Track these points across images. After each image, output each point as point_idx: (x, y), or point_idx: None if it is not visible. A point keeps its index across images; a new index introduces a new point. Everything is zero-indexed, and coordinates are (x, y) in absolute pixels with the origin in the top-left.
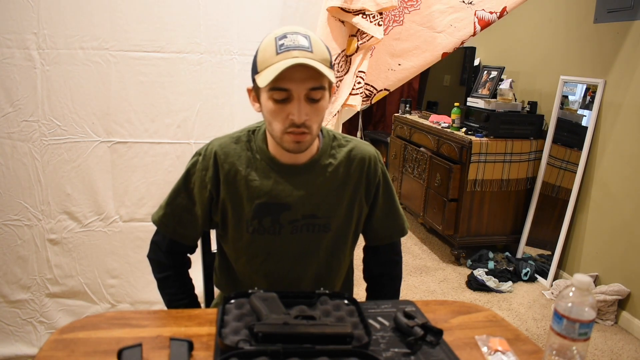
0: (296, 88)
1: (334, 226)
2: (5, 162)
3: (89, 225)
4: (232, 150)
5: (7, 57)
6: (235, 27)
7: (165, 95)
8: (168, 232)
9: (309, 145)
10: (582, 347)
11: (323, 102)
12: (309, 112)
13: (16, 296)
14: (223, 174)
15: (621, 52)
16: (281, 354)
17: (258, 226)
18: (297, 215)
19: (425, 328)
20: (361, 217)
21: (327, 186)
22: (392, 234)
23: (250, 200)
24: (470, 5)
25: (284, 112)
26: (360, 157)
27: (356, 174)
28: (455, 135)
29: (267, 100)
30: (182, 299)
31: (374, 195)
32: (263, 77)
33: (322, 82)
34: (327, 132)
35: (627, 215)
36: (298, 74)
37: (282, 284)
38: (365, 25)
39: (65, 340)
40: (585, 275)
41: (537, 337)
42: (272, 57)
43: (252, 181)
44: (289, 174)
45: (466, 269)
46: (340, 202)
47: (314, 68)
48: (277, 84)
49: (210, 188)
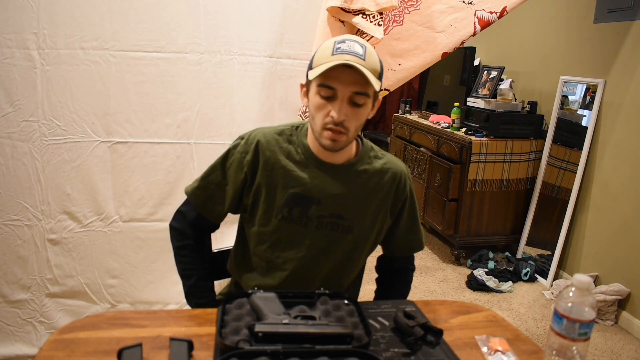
0: (341, 88)
1: (356, 230)
2: (5, 162)
3: (89, 225)
4: (274, 140)
5: (7, 57)
6: (235, 27)
7: (165, 95)
8: (197, 204)
9: (344, 145)
10: (582, 347)
11: (365, 109)
12: (349, 114)
13: (16, 296)
14: (263, 161)
15: (621, 52)
16: (281, 354)
17: (287, 215)
18: (325, 212)
19: (425, 328)
20: (383, 228)
21: (358, 191)
22: (412, 248)
23: (285, 189)
24: (470, 5)
25: (327, 108)
26: (393, 172)
27: (386, 187)
28: (455, 135)
29: (315, 95)
30: (196, 268)
31: (400, 210)
32: (314, 71)
33: (366, 89)
34: (366, 142)
35: (627, 215)
36: (345, 76)
37: (296, 277)
38: (365, 25)
39: (65, 340)
40: (585, 275)
41: (537, 337)
42: (328, 56)
43: (290, 171)
44: (325, 171)
45: (466, 269)
46: (366, 209)
47: (361, 73)
48: (325, 81)
49: (246, 171)
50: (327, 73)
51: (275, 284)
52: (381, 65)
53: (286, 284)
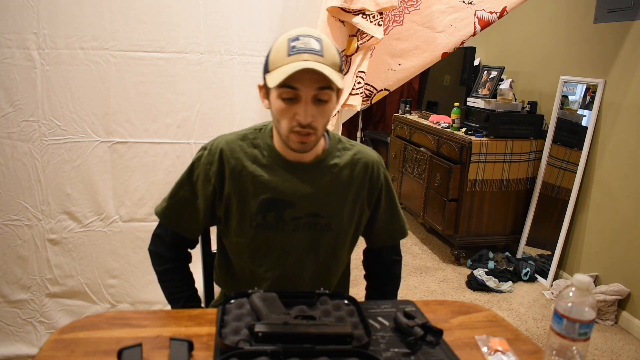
0: (304, 89)
1: (334, 226)
2: (5, 162)
3: (89, 225)
4: (238, 147)
5: (7, 57)
6: (235, 27)
7: (165, 95)
8: (170, 224)
9: (314, 145)
10: (582, 347)
11: (330, 104)
12: (315, 113)
13: (16, 296)
14: (229, 170)
15: (621, 52)
16: (281, 354)
17: (262, 221)
18: (300, 213)
19: (425, 328)
20: (362, 220)
21: (331, 186)
22: (394, 236)
23: (256, 195)
24: (470, 5)
25: (291, 111)
26: (364, 162)
27: (359, 177)
28: (455, 135)
29: (276, 99)
30: (182, 291)
31: (377, 199)
32: (273, 78)
33: (330, 83)
34: (332, 134)
35: (627, 215)
36: (307, 76)
37: (281, 282)
38: (365, 25)
39: (65, 340)
40: (585, 275)
41: (537, 337)
42: (284, 58)
43: (258, 176)
44: (295, 171)
45: (466, 269)
46: (343, 203)
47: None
48: (287, 82)
49: (213, 182)
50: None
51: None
52: (339, 54)
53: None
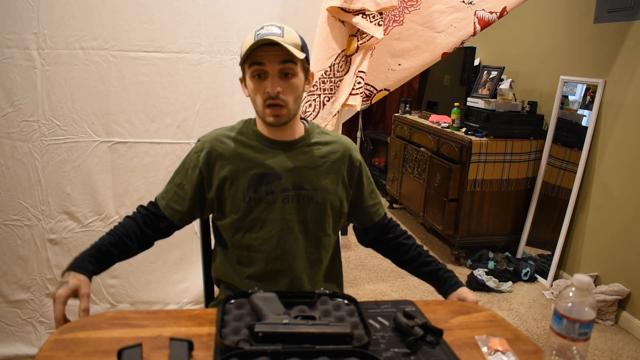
0: (269, 64)
1: (319, 197)
2: (5, 162)
3: (89, 225)
4: (226, 136)
5: (7, 57)
6: (235, 27)
7: (165, 95)
8: (162, 205)
9: (287, 118)
10: (582, 347)
11: (297, 79)
12: (283, 85)
13: (16, 296)
14: (217, 155)
15: (621, 52)
16: (281, 354)
17: (254, 195)
18: (288, 185)
19: (425, 328)
20: (345, 198)
21: (313, 161)
22: (379, 212)
23: (245, 172)
24: (470, 5)
25: (262, 87)
26: (342, 143)
27: (339, 154)
28: (455, 135)
29: (250, 80)
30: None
31: (358, 179)
32: (243, 57)
33: (291, 57)
34: (311, 122)
35: (627, 215)
36: (270, 53)
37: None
38: (365, 25)
39: (65, 340)
40: (585, 275)
41: (537, 337)
42: (250, 42)
43: (246, 155)
44: (279, 148)
45: (466, 269)
46: (325, 175)
47: (284, 48)
48: (254, 59)
49: (200, 167)
50: (253, 54)
51: (262, 268)
52: (302, 39)
53: (270, 265)
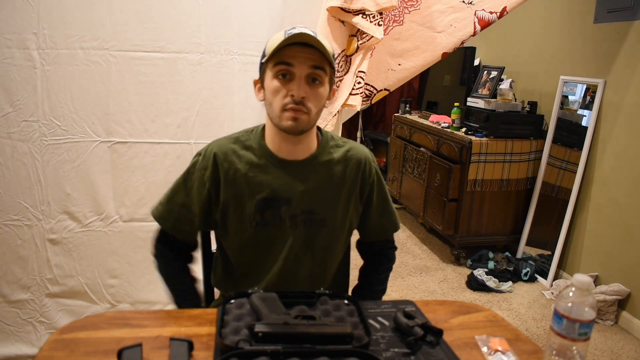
0: (298, 65)
1: (329, 222)
2: (5, 162)
3: (89, 225)
4: (231, 150)
5: (7, 57)
6: (235, 27)
7: (165, 95)
8: (167, 227)
9: (306, 127)
10: (582, 347)
11: (323, 88)
12: (308, 92)
13: (16, 296)
14: (222, 173)
15: (621, 52)
16: (281, 354)
17: (260, 220)
18: (296, 210)
19: (425, 328)
20: (355, 216)
21: (324, 183)
22: (387, 230)
23: (252, 196)
24: (470, 5)
25: (286, 89)
26: (357, 158)
27: (352, 174)
28: (455, 135)
29: (272, 80)
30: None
31: (368, 194)
32: (270, 53)
33: (323, 64)
34: (325, 132)
35: (627, 215)
36: (302, 53)
37: (279, 279)
38: (365, 25)
39: (65, 340)
40: (585, 275)
41: (537, 337)
42: (280, 39)
43: (252, 177)
44: (288, 170)
45: (466, 269)
46: (337, 199)
47: (317, 51)
48: (282, 58)
49: (208, 187)
50: (282, 52)
51: (263, 286)
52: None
53: (272, 286)
